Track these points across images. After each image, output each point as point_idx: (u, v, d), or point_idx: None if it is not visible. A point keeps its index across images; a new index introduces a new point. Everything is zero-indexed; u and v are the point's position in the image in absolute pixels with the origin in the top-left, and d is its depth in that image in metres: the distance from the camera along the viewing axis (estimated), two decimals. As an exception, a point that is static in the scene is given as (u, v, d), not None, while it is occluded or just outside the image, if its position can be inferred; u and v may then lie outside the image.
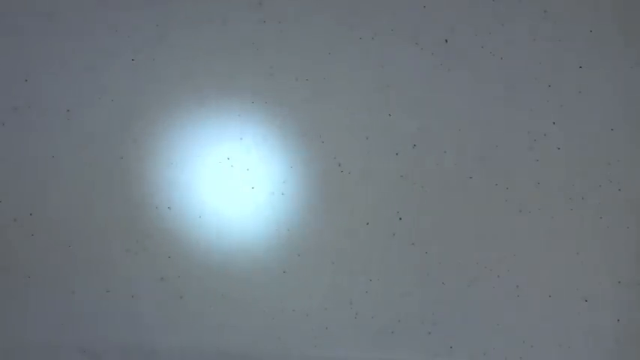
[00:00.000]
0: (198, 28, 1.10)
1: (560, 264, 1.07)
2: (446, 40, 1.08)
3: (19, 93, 1.11)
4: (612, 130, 1.07)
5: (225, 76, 1.10)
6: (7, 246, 1.12)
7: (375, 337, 1.10)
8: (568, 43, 1.08)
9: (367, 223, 1.08)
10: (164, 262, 1.10)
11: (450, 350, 1.09)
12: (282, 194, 1.09)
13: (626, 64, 1.07)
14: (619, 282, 1.07)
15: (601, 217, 1.07)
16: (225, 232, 1.09)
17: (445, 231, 1.08)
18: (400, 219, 1.08)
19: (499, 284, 1.08)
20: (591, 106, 1.07)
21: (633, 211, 1.07)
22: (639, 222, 1.07)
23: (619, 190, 1.07)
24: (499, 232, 1.07)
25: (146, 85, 1.10)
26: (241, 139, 1.09)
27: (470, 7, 1.09)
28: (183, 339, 1.11)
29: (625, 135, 1.07)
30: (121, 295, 1.11)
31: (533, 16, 1.08)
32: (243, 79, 1.09)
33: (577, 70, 1.08)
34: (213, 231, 1.09)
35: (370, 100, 1.08)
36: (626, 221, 1.07)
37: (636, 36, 1.08)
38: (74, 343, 1.12)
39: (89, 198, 1.10)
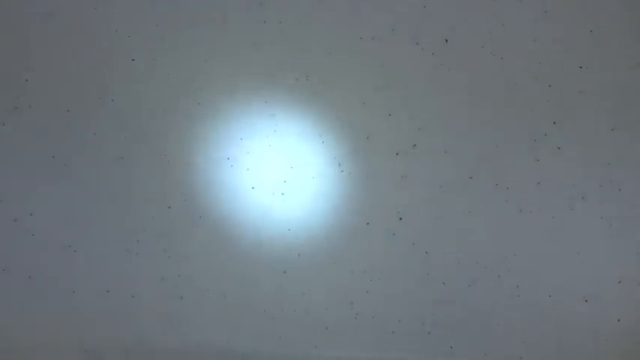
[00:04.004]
0: (199, 28, 1.10)
1: (560, 264, 1.07)
2: (446, 40, 1.08)
3: (19, 93, 1.11)
4: (612, 130, 1.07)
5: (226, 76, 1.10)
6: (7, 246, 1.12)
7: (375, 337, 1.10)
8: (568, 43, 1.08)
9: (367, 223, 1.08)
10: (164, 262, 1.10)
11: (450, 350, 1.09)
12: (282, 194, 1.09)
13: (626, 64, 1.07)
14: (619, 282, 1.07)
15: (601, 217, 1.07)
16: (225, 232, 1.09)
17: (445, 231, 1.08)
18: (400, 219, 1.08)
19: (499, 284, 1.08)
20: (591, 106, 1.07)
21: (633, 211, 1.07)
22: (639, 222, 1.07)
23: (619, 190, 1.07)
24: (499, 232, 1.07)
25: (146, 85, 1.10)
26: (241, 139, 1.09)
27: (470, 7, 1.09)
28: (183, 339, 1.11)
29: (625, 135, 1.07)
30: (121, 295, 1.11)
31: (533, 16, 1.09)
32: (243, 79, 1.09)
33: (577, 70, 1.08)
34: (213, 231, 1.09)
35: (370, 100, 1.09)
36: (626, 221, 1.07)
37: (636, 36, 1.08)
38: (74, 343, 1.12)
39: (89, 198, 1.10)
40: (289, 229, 1.09)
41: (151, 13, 1.11)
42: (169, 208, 1.09)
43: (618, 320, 1.08)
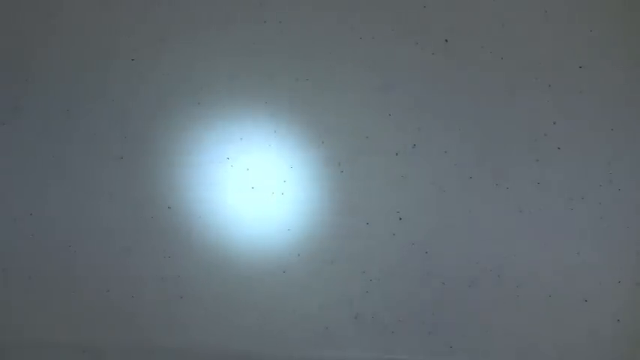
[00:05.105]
0: (199, 28, 1.10)
1: (560, 264, 1.07)
2: (446, 40, 1.08)
3: (19, 93, 1.11)
4: (612, 130, 1.07)
5: (226, 76, 1.10)
6: (7, 246, 1.12)
7: (375, 337, 1.10)
8: (568, 43, 1.08)
9: (367, 223, 1.08)
10: (164, 262, 1.10)
11: (450, 350, 1.09)
12: (282, 194, 1.09)
13: (626, 64, 1.08)
14: (619, 282, 1.07)
15: (601, 217, 1.07)
16: (225, 232, 1.10)
17: (445, 231, 1.08)
18: (400, 219, 1.08)
19: (499, 284, 1.08)
20: (591, 106, 1.07)
21: (633, 211, 1.07)
22: (639, 222, 1.07)
23: (619, 190, 1.07)
24: (499, 232, 1.07)
25: (146, 85, 1.10)
26: (241, 139, 1.09)
27: (470, 7, 1.09)
28: (183, 339, 1.11)
29: (625, 135, 1.07)
30: (121, 295, 1.11)
31: (533, 16, 1.09)
32: (243, 79, 1.09)
33: (577, 70, 1.08)
34: (213, 231, 1.09)
35: (370, 100, 1.09)
36: (626, 221, 1.07)
37: (636, 36, 1.08)
38: (74, 343, 1.12)
39: (89, 198, 1.10)
40: (289, 229, 1.09)
41: (151, 13, 1.11)
42: (169, 208, 1.09)
43: (618, 320, 1.08)
